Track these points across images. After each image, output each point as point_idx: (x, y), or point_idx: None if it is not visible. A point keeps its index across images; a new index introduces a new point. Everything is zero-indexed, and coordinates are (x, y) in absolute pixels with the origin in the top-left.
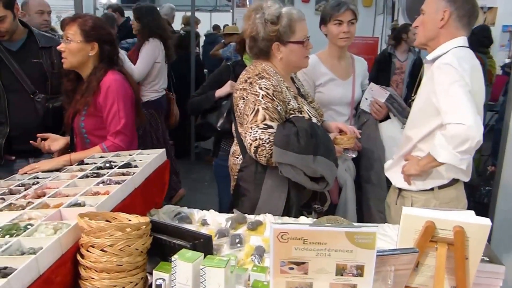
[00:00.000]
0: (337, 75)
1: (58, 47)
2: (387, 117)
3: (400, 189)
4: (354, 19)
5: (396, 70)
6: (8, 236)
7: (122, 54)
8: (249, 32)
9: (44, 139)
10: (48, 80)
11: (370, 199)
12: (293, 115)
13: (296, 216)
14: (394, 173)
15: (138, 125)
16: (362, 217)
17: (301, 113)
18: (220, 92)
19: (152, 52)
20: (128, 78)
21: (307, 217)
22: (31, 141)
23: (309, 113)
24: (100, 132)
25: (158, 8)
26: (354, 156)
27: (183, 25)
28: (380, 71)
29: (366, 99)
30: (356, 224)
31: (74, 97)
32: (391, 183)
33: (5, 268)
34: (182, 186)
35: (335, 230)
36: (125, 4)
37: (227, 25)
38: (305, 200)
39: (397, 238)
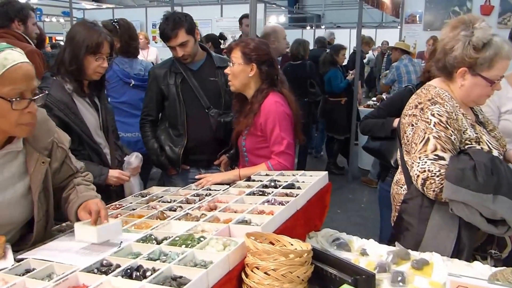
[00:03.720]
0: None
1: (225, 71)
2: None
3: None
4: None
5: None
6: (184, 246)
7: None
8: (444, 44)
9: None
10: (222, 96)
11: None
12: (469, 146)
13: (468, 260)
14: None
15: (301, 144)
16: None
17: (479, 144)
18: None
19: None
20: (287, 99)
21: (483, 263)
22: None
23: (489, 144)
24: (259, 152)
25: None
26: None
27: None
28: None
29: None
30: None
31: (239, 117)
32: None
33: (181, 277)
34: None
35: None
36: (292, 23)
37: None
38: (479, 243)
39: None
